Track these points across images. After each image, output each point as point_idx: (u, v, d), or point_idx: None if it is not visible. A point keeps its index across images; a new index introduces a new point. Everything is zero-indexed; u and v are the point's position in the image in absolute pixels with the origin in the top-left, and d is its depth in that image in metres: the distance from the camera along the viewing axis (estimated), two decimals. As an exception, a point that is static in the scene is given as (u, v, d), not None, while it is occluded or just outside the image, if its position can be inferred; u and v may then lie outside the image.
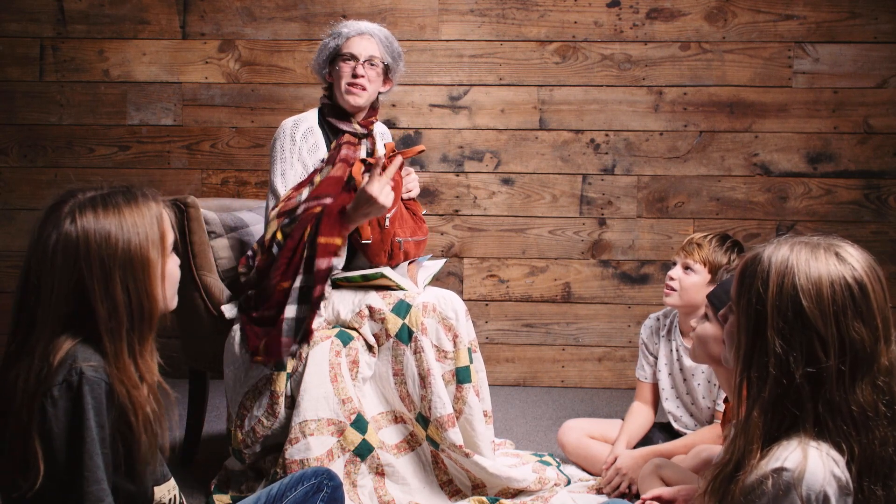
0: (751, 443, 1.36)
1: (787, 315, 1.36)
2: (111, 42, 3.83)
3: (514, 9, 3.77)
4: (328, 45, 2.66)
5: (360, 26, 2.67)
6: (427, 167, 3.83)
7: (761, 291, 1.38)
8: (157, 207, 1.47)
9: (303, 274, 2.39)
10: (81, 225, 1.39)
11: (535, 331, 3.84)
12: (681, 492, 1.81)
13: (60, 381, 1.35)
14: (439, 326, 2.45)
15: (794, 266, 1.37)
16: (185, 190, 3.84)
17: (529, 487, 2.49)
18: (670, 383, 2.67)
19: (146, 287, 1.42)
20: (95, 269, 1.38)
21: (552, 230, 3.82)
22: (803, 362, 1.34)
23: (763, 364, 1.37)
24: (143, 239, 1.42)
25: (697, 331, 2.05)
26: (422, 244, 2.66)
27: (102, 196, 1.43)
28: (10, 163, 3.86)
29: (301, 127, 2.64)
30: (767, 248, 1.42)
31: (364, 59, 2.62)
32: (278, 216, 2.49)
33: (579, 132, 3.79)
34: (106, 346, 1.39)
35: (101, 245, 1.38)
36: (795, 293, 1.35)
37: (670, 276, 2.59)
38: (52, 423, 1.34)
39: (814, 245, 1.40)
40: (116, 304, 1.39)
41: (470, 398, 2.45)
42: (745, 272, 1.43)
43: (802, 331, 1.35)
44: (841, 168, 3.74)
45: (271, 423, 2.38)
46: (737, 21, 3.73)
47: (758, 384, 1.37)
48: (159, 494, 1.54)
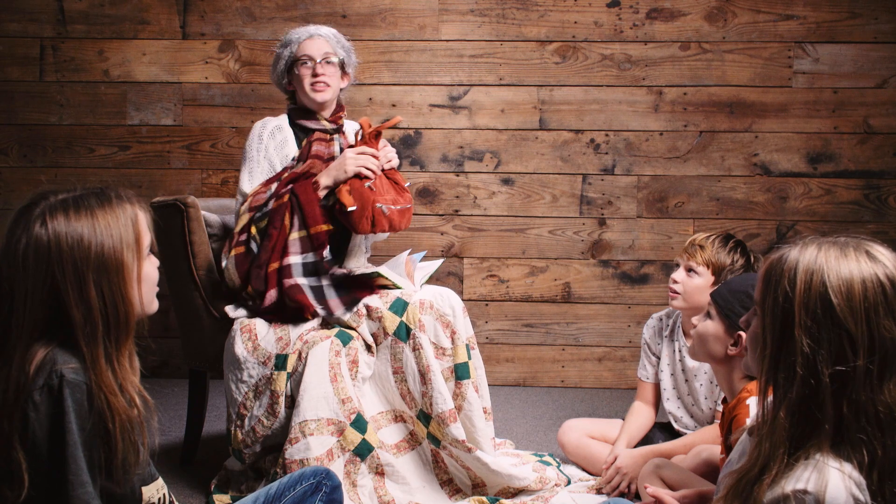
0: (777, 446, 1.33)
1: (816, 313, 1.33)
2: (111, 42, 3.83)
3: (514, 9, 3.77)
4: (283, 56, 2.75)
5: (308, 29, 2.77)
6: (427, 167, 3.83)
7: (788, 290, 1.35)
8: (133, 209, 1.44)
9: (300, 254, 2.52)
10: (52, 228, 1.35)
11: (535, 331, 3.84)
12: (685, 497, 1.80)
13: (41, 384, 1.32)
14: (437, 323, 2.46)
15: (824, 264, 1.35)
16: (185, 190, 3.84)
17: (530, 487, 2.49)
18: (672, 384, 2.67)
19: (121, 291, 1.39)
20: (69, 273, 1.34)
21: (552, 230, 3.82)
22: (831, 361, 1.32)
23: (790, 364, 1.34)
24: (117, 241, 1.39)
25: (698, 328, 2.05)
26: (406, 212, 2.65)
27: (74, 198, 1.39)
28: (10, 163, 3.86)
29: (269, 126, 2.73)
30: (794, 249, 1.40)
31: (320, 58, 2.69)
32: (249, 210, 2.56)
33: (579, 132, 3.79)
34: (83, 352, 1.35)
35: (73, 248, 1.35)
36: (825, 290, 1.33)
37: (673, 280, 2.55)
38: (35, 427, 1.32)
39: (842, 244, 1.38)
40: (91, 309, 1.36)
41: (469, 394, 2.46)
42: (772, 271, 1.40)
43: (831, 329, 1.32)
44: (841, 168, 3.74)
45: (271, 423, 2.39)
46: (737, 21, 3.73)
47: (784, 385, 1.35)
48: (147, 494, 1.52)
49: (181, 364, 3.76)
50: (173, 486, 2.60)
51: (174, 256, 2.69)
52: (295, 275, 2.49)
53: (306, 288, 2.48)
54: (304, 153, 2.64)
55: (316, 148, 2.64)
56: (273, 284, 2.49)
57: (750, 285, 2.00)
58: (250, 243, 2.53)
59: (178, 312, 2.82)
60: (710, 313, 2.03)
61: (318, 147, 2.65)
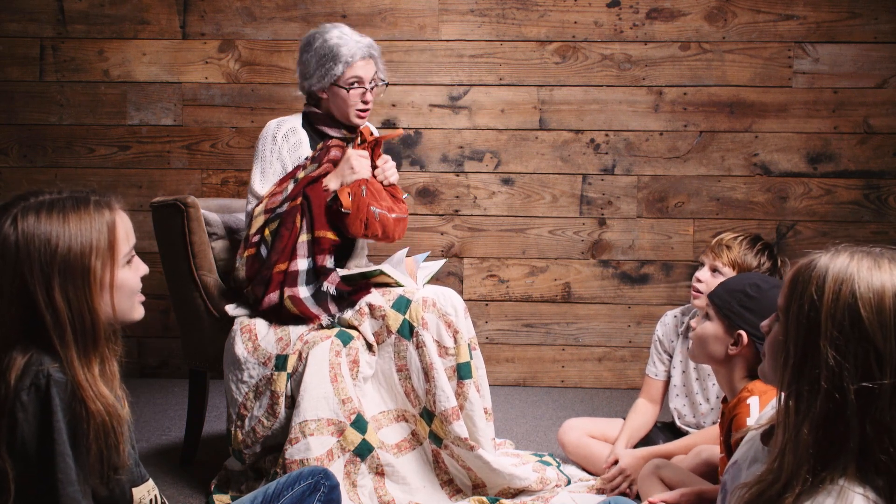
0: (801, 464, 1.27)
1: (843, 325, 1.26)
2: (111, 42, 3.83)
3: (514, 9, 3.77)
4: (332, 72, 2.56)
5: (357, 49, 2.57)
6: (427, 167, 3.83)
7: (815, 298, 1.28)
8: (112, 215, 1.41)
9: (306, 258, 2.49)
10: (21, 228, 1.34)
11: (535, 331, 3.84)
12: (683, 496, 1.80)
13: (28, 384, 1.32)
14: (440, 322, 2.46)
15: (855, 274, 1.27)
16: (185, 190, 3.84)
17: (531, 487, 2.49)
18: (682, 381, 2.66)
19: (87, 297, 1.36)
20: (35, 273, 1.33)
21: (552, 230, 3.82)
22: (857, 377, 1.25)
23: (814, 377, 1.27)
24: (85, 246, 1.37)
25: (697, 330, 2.05)
26: (401, 222, 2.67)
27: (51, 201, 1.38)
28: (10, 163, 3.86)
29: (283, 127, 2.67)
30: (824, 255, 1.32)
31: (371, 84, 2.61)
32: (265, 212, 2.53)
33: (579, 132, 3.79)
34: (59, 353, 1.34)
35: (39, 249, 1.33)
36: (854, 301, 1.25)
37: (697, 279, 2.52)
38: (24, 427, 1.31)
39: (876, 255, 1.30)
40: (58, 312, 1.34)
41: (471, 394, 2.46)
42: (798, 278, 1.33)
43: (859, 343, 1.25)
44: (841, 168, 3.74)
45: (271, 424, 2.39)
46: (737, 21, 3.73)
47: (808, 399, 1.28)
48: (138, 496, 1.52)
49: (181, 364, 3.76)
50: (173, 485, 2.60)
51: (174, 256, 2.69)
52: (299, 283, 2.47)
53: (308, 301, 2.47)
54: (320, 156, 2.60)
55: (333, 153, 2.59)
56: (275, 287, 2.47)
57: (748, 284, 2.00)
58: (261, 246, 2.51)
59: (178, 312, 2.82)
60: (709, 314, 2.03)
61: (336, 152, 2.59)
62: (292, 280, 2.47)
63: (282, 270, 2.48)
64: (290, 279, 2.47)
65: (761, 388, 1.88)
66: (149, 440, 3.03)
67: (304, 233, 2.51)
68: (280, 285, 2.47)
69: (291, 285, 2.47)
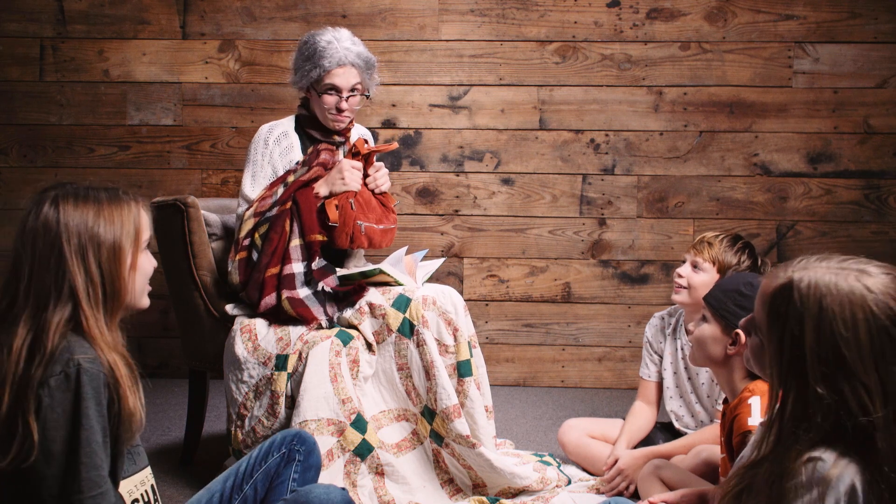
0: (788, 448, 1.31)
1: (829, 362, 1.29)
2: (111, 42, 3.83)
3: (514, 9, 3.77)
4: (309, 74, 2.58)
5: (340, 55, 2.57)
6: (427, 167, 3.83)
7: (796, 333, 1.31)
8: (137, 208, 1.57)
9: (301, 261, 2.50)
10: (62, 209, 1.49)
11: (535, 331, 3.84)
12: (684, 496, 1.80)
13: (58, 371, 1.40)
14: (440, 320, 2.47)
15: (831, 307, 1.29)
16: (185, 190, 3.84)
17: (532, 486, 2.49)
18: (674, 382, 2.67)
19: (115, 269, 1.51)
20: (73, 244, 1.47)
21: (552, 230, 3.82)
22: (852, 412, 1.27)
23: (806, 413, 1.30)
24: (118, 228, 1.52)
25: (695, 333, 2.05)
26: (389, 232, 2.67)
27: (86, 189, 1.53)
28: (10, 163, 3.86)
29: (275, 131, 2.68)
30: (800, 280, 1.32)
31: (347, 94, 2.61)
32: (254, 216, 2.55)
33: (579, 132, 3.79)
34: (85, 313, 1.46)
35: (78, 226, 1.49)
36: (834, 340, 1.28)
37: (678, 274, 2.57)
38: (48, 412, 1.39)
39: (853, 276, 1.31)
40: (91, 276, 1.48)
41: (471, 392, 2.47)
42: (776, 303, 1.35)
43: (846, 380, 1.28)
44: (841, 168, 3.74)
45: (271, 423, 2.39)
46: (737, 21, 3.73)
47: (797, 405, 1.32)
48: (132, 485, 1.59)
49: (181, 364, 3.76)
50: (173, 486, 2.60)
51: (174, 256, 2.69)
52: (297, 285, 2.49)
53: (309, 300, 2.48)
54: (310, 160, 2.62)
55: (323, 157, 2.62)
56: (270, 290, 2.49)
57: (742, 283, 2.02)
58: (252, 250, 2.53)
59: (178, 312, 2.82)
60: (706, 316, 2.04)
61: (325, 156, 2.63)
62: (290, 283, 2.48)
63: (274, 274, 2.49)
64: (287, 282, 2.48)
65: (762, 388, 1.88)
66: (149, 440, 3.03)
67: (296, 237, 2.52)
68: (276, 288, 2.49)
69: (290, 287, 2.47)
